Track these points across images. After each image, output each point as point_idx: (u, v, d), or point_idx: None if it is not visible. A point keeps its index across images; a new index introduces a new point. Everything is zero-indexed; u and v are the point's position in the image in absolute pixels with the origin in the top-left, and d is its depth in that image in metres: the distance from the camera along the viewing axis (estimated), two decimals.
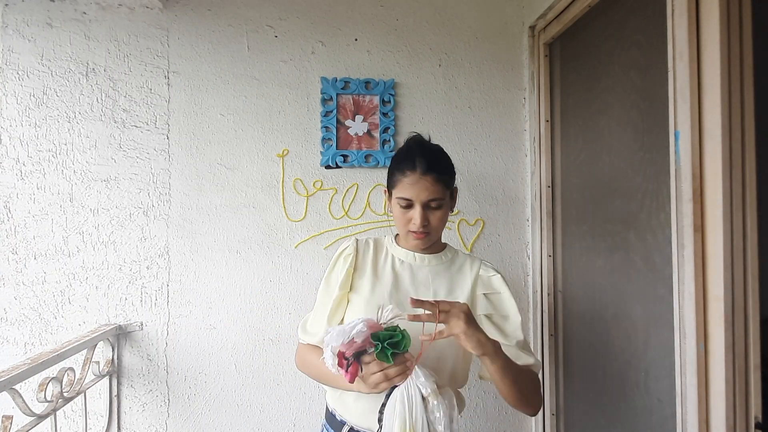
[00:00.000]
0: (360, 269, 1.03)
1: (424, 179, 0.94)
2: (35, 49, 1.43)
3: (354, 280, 1.03)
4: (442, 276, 1.03)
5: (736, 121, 0.88)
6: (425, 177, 0.94)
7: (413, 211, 0.96)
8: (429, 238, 1.00)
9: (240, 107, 1.51)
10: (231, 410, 1.48)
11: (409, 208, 0.96)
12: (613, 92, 1.26)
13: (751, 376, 0.87)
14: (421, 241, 0.99)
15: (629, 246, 1.19)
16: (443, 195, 0.96)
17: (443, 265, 1.05)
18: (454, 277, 1.03)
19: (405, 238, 1.03)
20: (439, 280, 1.02)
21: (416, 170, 0.94)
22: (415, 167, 0.95)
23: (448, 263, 1.06)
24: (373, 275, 1.02)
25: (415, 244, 1.01)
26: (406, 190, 0.95)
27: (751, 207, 0.88)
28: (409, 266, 1.04)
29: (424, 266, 1.04)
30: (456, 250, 1.10)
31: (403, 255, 1.05)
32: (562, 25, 1.43)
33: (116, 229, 1.46)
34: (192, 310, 1.48)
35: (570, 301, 1.49)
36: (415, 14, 1.59)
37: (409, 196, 0.95)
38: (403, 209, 0.97)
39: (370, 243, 1.08)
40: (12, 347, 1.41)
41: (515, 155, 1.62)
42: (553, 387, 1.54)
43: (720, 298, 0.87)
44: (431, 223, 0.97)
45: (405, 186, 0.96)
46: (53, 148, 1.44)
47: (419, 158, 0.95)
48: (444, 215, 0.99)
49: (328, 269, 1.06)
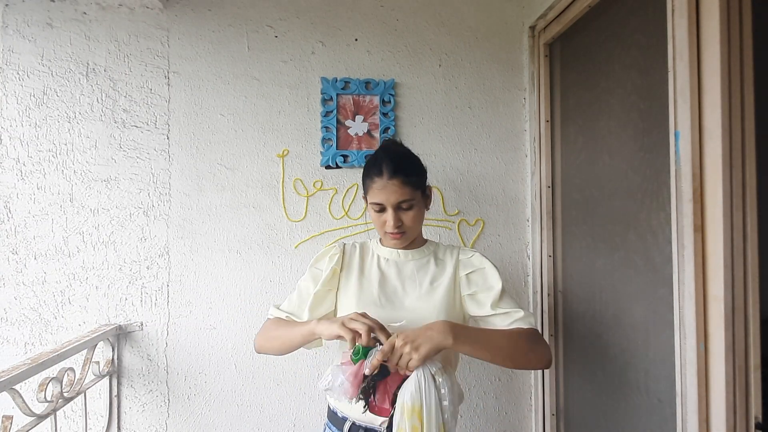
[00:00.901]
0: (347, 269, 1.09)
1: (391, 183, 0.99)
2: (35, 49, 1.43)
3: (341, 281, 1.08)
4: (425, 268, 1.09)
5: (736, 121, 0.88)
6: (392, 181, 0.99)
7: (386, 214, 1.02)
8: (405, 237, 1.05)
9: (240, 107, 1.51)
10: (231, 410, 1.48)
11: (382, 211, 1.03)
12: (613, 92, 1.26)
13: (751, 376, 0.87)
14: (398, 240, 1.05)
15: (629, 246, 1.19)
16: (412, 196, 1.01)
17: (426, 258, 1.11)
18: (438, 268, 1.08)
19: (384, 239, 1.09)
20: (423, 272, 1.08)
21: (383, 176, 1.00)
22: (381, 173, 1.00)
23: (430, 256, 1.11)
24: (360, 274, 1.08)
25: (393, 243, 1.07)
26: (376, 195, 1.01)
27: (751, 207, 0.88)
28: (395, 263, 1.09)
29: (408, 261, 1.10)
30: (437, 243, 1.16)
31: (387, 253, 1.11)
32: (562, 25, 1.43)
33: (116, 229, 1.46)
34: (192, 310, 1.48)
35: (570, 301, 1.49)
36: (415, 14, 1.59)
37: (379, 201, 1.01)
38: (377, 213, 1.03)
39: (357, 246, 1.14)
40: (12, 347, 1.41)
41: (515, 155, 1.62)
42: (553, 387, 1.54)
43: (720, 298, 0.87)
44: (405, 222, 1.03)
45: (375, 191, 1.02)
46: (53, 148, 1.44)
47: (385, 163, 1.00)
48: (417, 214, 1.04)
49: (312, 262, 1.11)
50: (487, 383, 1.58)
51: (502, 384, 1.59)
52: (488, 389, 1.58)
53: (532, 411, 1.59)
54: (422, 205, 1.06)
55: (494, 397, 1.58)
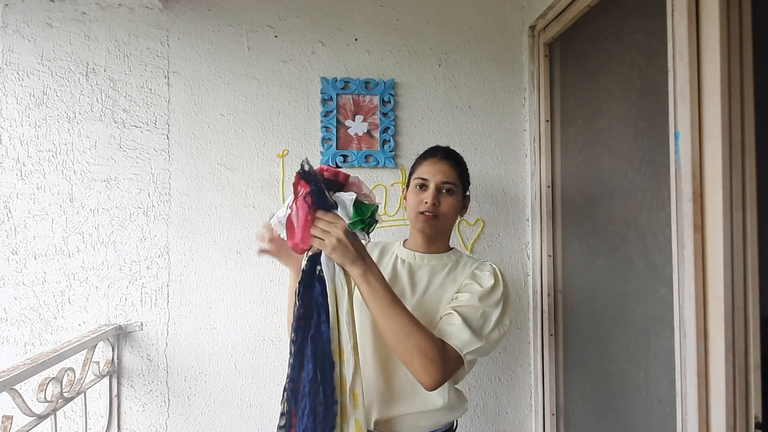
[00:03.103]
0: None
1: (442, 163, 1.07)
2: (35, 49, 1.43)
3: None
4: (439, 275, 1.07)
5: (736, 121, 0.88)
6: (444, 161, 1.07)
7: (427, 192, 1.05)
8: (437, 222, 1.06)
9: (240, 107, 1.51)
10: (231, 410, 1.48)
11: (424, 188, 1.06)
12: (613, 92, 1.26)
13: (751, 376, 0.87)
14: (428, 224, 1.05)
15: (629, 246, 1.19)
16: (457, 182, 1.06)
17: (442, 265, 1.09)
18: (449, 277, 1.06)
19: (414, 222, 1.09)
20: (435, 278, 1.06)
21: (436, 156, 1.09)
22: (436, 154, 1.10)
23: (448, 264, 1.09)
24: None
25: (422, 226, 1.06)
26: (424, 171, 1.08)
27: (751, 207, 0.88)
28: (409, 265, 1.09)
29: (423, 265, 1.09)
30: (462, 254, 1.14)
31: (405, 254, 1.11)
32: (562, 25, 1.43)
33: (116, 229, 1.46)
34: (192, 310, 1.48)
35: (570, 301, 1.49)
36: (415, 14, 1.59)
37: (425, 176, 1.07)
38: (419, 190, 1.07)
39: (379, 245, 1.17)
40: (12, 347, 1.41)
41: (515, 155, 1.62)
42: (553, 387, 1.54)
43: (720, 298, 0.87)
44: (441, 206, 1.05)
45: (424, 168, 1.08)
46: (53, 148, 1.44)
47: (441, 148, 1.11)
48: (453, 204, 1.06)
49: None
50: (487, 383, 1.58)
51: (502, 384, 1.59)
52: (488, 389, 1.58)
53: (532, 411, 1.59)
54: (460, 202, 1.09)
55: (494, 396, 1.58)
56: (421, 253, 1.10)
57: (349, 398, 0.86)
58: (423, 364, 0.85)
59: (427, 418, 1.01)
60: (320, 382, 0.83)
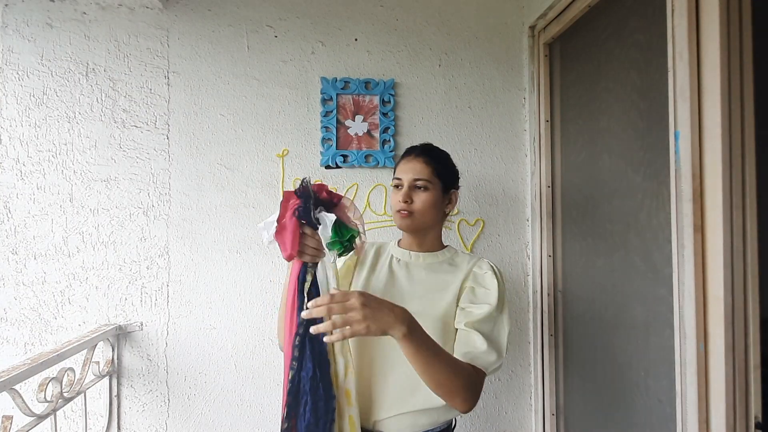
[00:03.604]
0: (360, 266, 1.12)
1: (415, 161, 1.08)
2: (35, 49, 1.43)
3: (354, 276, 1.12)
4: (436, 272, 1.08)
5: (736, 121, 0.88)
6: (417, 159, 1.08)
7: (402, 190, 1.07)
8: (412, 219, 1.06)
9: (240, 107, 1.51)
10: (231, 410, 1.48)
11: (399, 188, 1.08)
12: (613, 92, 1.26)
13: (751, 376, 0.87)
14: (404, 221, 1.07)
15: (629, 246, 1.19)
16: (430, 178, 1.06)
17: (438, 262, 1.10)
18: (448, 275, 1.07)
19: (394, 220, 1.11)
20: (432, 276, 1.08)
21: (411, 154, 1.10)
22: (410, 153, 1.11)
23: (444, 262, 1.11)
24: (371, 272, 1.10)
25: (400, 223, 1.09)
26: (399, 171, 1.10)
27: (751, 207, 0.88)
28: (406, 264, 1.10)
29: (419, 264, 1.10)
30: (456, 250, 1.15)
31: (401, 254, 1.12)
32: (562, 25, 1.43)
33: (116, 229, 1.46)
34: (192, 310, 1.48)
35: (570, 301, 1.49)
36: (415, 14, 1.59)
37: (400, 175, 1.09)
38: (396, 190, 1.09)
39: (375, 245, 1.18)
40: (12, 347, 1.41)
41: (515, 155, 1.62)
42: (553, 387, 1.54)
43: (720, 298, 0.87)
44: (415, 203, 1.05)
45: (400, 168, 1.10)
46: (53, 148, 1.44)
47: (416, 147, 1.12)
48: (429, 199, 1.06)
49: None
50: (487, 383, 1.55)
51: (502, 384, 1.59)
52: (488, 389, 1.58)
53: (532, 411, 1.59)
54: (439, 197, 1.08)
55: (494, 396, 1.58)
56: (416, 252, 1.11)
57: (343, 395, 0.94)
58: (464, 397, 0.89)
59: (427, 416, 1.01)
60: (319, 379, 0.90)
